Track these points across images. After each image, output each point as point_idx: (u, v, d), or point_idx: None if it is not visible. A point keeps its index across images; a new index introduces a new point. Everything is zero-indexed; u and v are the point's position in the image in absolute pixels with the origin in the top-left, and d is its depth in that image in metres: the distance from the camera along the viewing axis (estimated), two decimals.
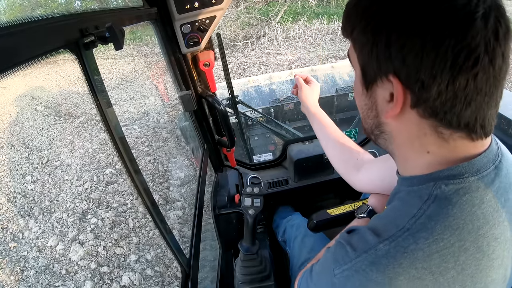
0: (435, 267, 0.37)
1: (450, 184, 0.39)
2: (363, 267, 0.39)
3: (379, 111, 0.43)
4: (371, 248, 0.40)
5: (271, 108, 2.88)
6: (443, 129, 0.38)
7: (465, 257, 0.37)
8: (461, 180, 0.38)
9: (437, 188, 0.39)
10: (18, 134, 4.79)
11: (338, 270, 0.42)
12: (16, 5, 5.42)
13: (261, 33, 7.76)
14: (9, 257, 2.68)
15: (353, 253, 0.41)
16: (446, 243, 0.37)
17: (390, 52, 0.36)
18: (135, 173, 0.67)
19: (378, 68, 0.39)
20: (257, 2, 8.42)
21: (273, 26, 7.75)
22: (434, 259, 0.36)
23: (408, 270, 0.37)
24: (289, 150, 1.50)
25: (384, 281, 0.38)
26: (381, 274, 0.38)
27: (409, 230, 0.38)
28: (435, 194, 0.39)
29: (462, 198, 0.38)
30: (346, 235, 0.46)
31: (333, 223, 0.91)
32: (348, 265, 0.41)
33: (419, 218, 0.38)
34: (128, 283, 2.32)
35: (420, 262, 0.37)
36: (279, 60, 6.66)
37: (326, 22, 7.73)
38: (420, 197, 0.40)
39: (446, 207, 0.38)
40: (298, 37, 7.57)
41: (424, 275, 0.37)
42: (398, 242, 0.38)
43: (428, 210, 0.38)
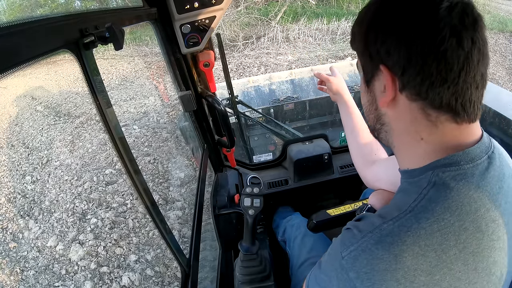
0: (437, 245, 0.39)
1: (447, 171, 0.42)
2: (369, 246, 0.41)
3: (377, 103, 0.49)
4: (376, 228, 0.42)
5: (271, 108, 2.88)
6: (429, 110, 0.42)
7: (466, 236, 0.39)
8: (457, 167, 0.42)
9: (435, 175, 0.43)
10: (18, 134, 4.79)
11: (345, 252, 0.44)
12: (16, 5, 5.42)
13: (261, 33, 7.76)
14: (9, 257, 2.68)
15: (359, 234, 0.44)
16: (446, 222, 0.39)
17: (378, 48, 0.44)
18: (135, 173, 0.67)
19: (372, 63, 0.46)
20: (257, 2, 8.42)
21: (273, 26, 7.75)
22: (436, 237, 0.39)
23: (412, 247, 0.39)
24: (289, 150, 1.50)
25: (389, 258, 0.39)
26: (387, 252, 0.40)
27: (411, 212, 0.41)
28: (434, 181, 0.42)
29: (459, 183, 0.41)
30: (353, 222, 0.49)
31: (333, 223, 0.91)
32: (354, 245, 0.43)
33: (420, 201, 0.42)
34: (128, 283, 2.32)
35: (423, 240, 0.39)
36: (279, 60, 6.66)
37: (326, 22, 7.73)
38: (420, 185, 0.44)
39: (444, 191, 0.41)
40: (298, 37, 7.57)
41: (427, 252, 0.39)
42: (402, 222, 0.41)
43: (428, 194, 0.42)
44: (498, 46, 6.32)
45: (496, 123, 1.50)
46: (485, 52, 0.41)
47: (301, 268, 1.04)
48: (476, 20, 0.39)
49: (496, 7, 8.39)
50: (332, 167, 1.48)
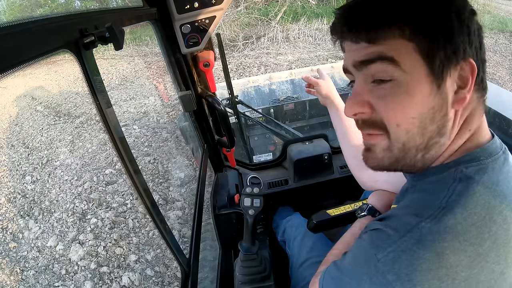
0: (474, 239, 0.39)
1: (470, 167, 0.43)
2: (409, 246, 0.40)
3: (449, 105, 0.42)
4: (414, 227, 0.41)
5: (271, 108, 2.87)
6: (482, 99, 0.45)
7: (496, 227, 0.40)
8: (478, 163, 0.43)
9: (459, 172, 0.43)
10: (18, 134, 4.79)
11: (381, 254, 0.42)
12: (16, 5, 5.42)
13: (261, 33, 7.76)
14: (9, 257, 2.67)
15: (396, 234, 0.42)
16: (478, 216, 0.39)
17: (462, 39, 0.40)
18: (135, 173, 0.67)
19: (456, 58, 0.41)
20: (257, 2, 8.42)
21: (273, 26, 7.75)
22: (471, 231, 0.39)
23: (452, 243, 0.38)
24: (289, 150, 1.50)
25: (432, 257, 0.38)
26: (429, 251, 0.39)
27: (445, 208, 0.41)
28: (459, 177, 0.43)
29: (483, 177, 0.42)
30: (380, 222, 0.47)
31: (333, 223, 0.91)
32: (392, 247, 0.41)
33: (451, 197, 0.41)
34: (128, 283, 2.32)
35: (461, 235, 0.39)
36: (279, 60, 6.66)
37: (326, 22, 7.73)
38: (445, 182, 0.43)
39: (471, 185, 0.41)
40: (298, 37, 7.57)
41: (465, 246, 0.38)
42: (438, 219, 0.40)
43: (456, 189, 0.42)
44: (498, 46, 6.31)
45: (496, 123, 1.50)
46: None
47: (301, 268, 1.04)
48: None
49: (496, 7, 8.38)
50: (332, 167, 1.48)
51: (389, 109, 0.43)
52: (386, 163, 0.47)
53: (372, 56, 0.42)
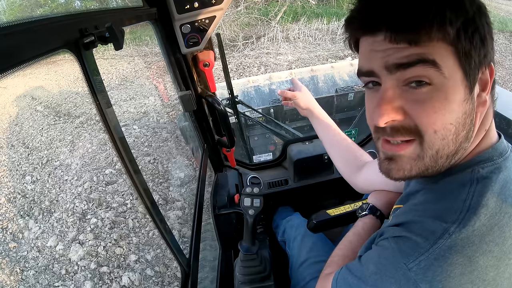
0: (498, 238, 0.39)
1: (486, 167, 0.44)
2: (441, 253, 0.40)
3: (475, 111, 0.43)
4: (444, 233, 0.40)
5: (271, 108, 2.87)
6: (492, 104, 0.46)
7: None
8: (492, 162, 0.44)
9: (476, 172, 0.43)
10: (18, 134, 4.79)
11: (413, 263, 0.41)
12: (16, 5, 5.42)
13: (261, 33, 7.76)
14: (9, 257, 2.67)
15: (426, 242, 0.41)
16: (499, 216, 0.40)
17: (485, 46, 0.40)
18: (135, 173, 0.67)
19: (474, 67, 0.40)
20: (257, 2, 8.41)
21: (273, 26, 7.75)
22: (495, 231, 0.39)
23: (481, 245, 0.39)
24: (289, 150, 1.50)
25: (464, 261, 0.39)
26: (461, 256, 0.39)
27: (469, 210, 0.40)
28: (477, 177, 0.43)
29: (499, 176, 0.42)
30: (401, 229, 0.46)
31: (333, 223, 0.91)
32: (424, 255, 0.41)
33: (472, 198, 0.41)
34: (128, 283, 2.32)
35: (487, 236, 0.39)
36: (279, 60, 6.66)
37: (326, 22, 7.72)
38: (463, 183, 0.43)
39: (490, 185, 0.42)
40: (298, 37, 7.57)
41: (492, 247, 0.39)
42: (465, 222, 0.40)
43: (476, 190, 0.42)
44: (498, 46, 6.31)
45: (496, 123, 1.50)
46: None
47: (301, 268, 1.04)
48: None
49: (496, 7, 8.39)
50: (332, 167, 1.48)
51: (428, 115, 0.40)
52: (413, 173, 0.45)
53: (413, 59, 0.39)
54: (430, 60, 0.38)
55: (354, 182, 0.86)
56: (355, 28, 0.44)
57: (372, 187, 0.80)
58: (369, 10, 0.41)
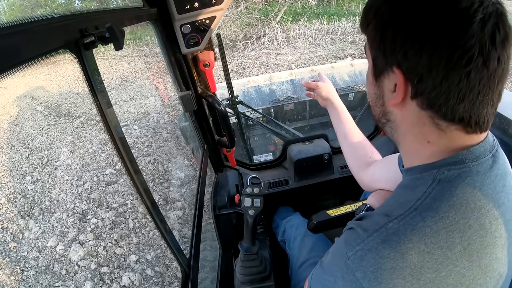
0: (443, 242, 0.39)
1: (452, 170, 0.42)
2: (375, 245, 0.41)
3: (385, 100, 0.47)
4: (382, 227, 0.42)
5: (271, 108, 2.87)
6: (439, 121, 0.41)
7: (470, 233, 0.40)
8: (462, 165, 0.42)
9: (440, 173, 0.43)
10: (18, 135, 4.79)
11: (351, 252, 0.43)
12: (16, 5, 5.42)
13: (261, 33, 7.76)
14: (9, 257, 2.68)
15: (364, 234, 0.43)
16: (451, 220, 0.40)
17: (395, 47, 0.41)
18: (135, 174, 0.67)
19: (385, 60, 0.43)
20: (257, 2, 8.42)
21: (273, 26, 7.75)
22: (441, 235, 0.39)
23: (418, 245, 0.39)
24: (289, 150, 1.50)
25: (396, 256, 0.40)
26: (393, 250, 0.40)
27: (416, 210, 0.41)
28: (439, 179, 0.42)
29: (464, 181, 0.41)
30: (355, 221, 0.49)
31: (333, 224, 0.91)
32: (360, 245, 0.43)
33: (425, 200, 0.41)
34: (128, 284, 2.32)
35: (429, 237, 0.39)
36: (279, 60, 6.66)
37: (326, 22, 7.73)
38: (425, 182, 0.43)
39: (449, 189, 0.41)
40: (298, 37, 7.57)
41: (433, 249, 0.39)
42: (407, 220, 0.41)
43: (433, 192, 0.42)
44: None
45: (496, 123, 1.50)
46: (506, 69, 0.39)
47: (301, 268, 1.04)
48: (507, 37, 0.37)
49: None
50: (332, 167, 1.48)
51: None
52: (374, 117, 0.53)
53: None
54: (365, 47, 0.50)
55: (360, 177, 0.87)
56: None
57: (376, 185, 0.81)
58: None
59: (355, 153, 0.89)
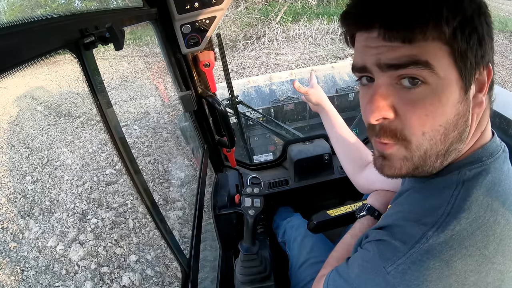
0: (480, 242, 0.39)
1: (473, 169, 0.43)
2: (418, 257, 0.40)
3: (468, 112, 0.41)
4: (422, 237, 0.41)
5: (271, 109, 2.87)
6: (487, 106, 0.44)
7: (500, 229, 0.40)
8: (480, 164, 0.43)
9: (462, 175, 0.43)
10: (18, 134, 4.79)
11: (391, 267, 0.42)
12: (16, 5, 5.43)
13: (261, 34, 7.76)
14: (9, 257, 2.68)
15: (404, 247, 0.42)
16: (482, 219, 0.39)
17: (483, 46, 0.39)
18: (135, 174, 0.67)
19: (470, 67, 0.38)
20: (257, 2, 8.42)
21: (273, 26, 7.75)
22: (477, 236, 0.39)
23: (460, 250, 0.38)
24: (289, 150, 1.50)
25: (441, 266, 0.38)
26: (438, 260, 0.39)
27: (449, 214, 0.40)
28: (463, 180, 0.42)
29: (486, 178, 0.42)
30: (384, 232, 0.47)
31: (333, 224, 0.91)
32: (402, 259, 0.41)
33: (455, 202, 0.41)
34: (128, 284, 2.32)
35: (467, 240, 0.39)
36: (279, 60, 6.66)
37: (326, 23, 7.73)
38: (448, 185, 0.43)
39: (474, 188, 0.41)
40: (298, 38, 7.57)
41: (472, 252, 0.38)
42: (444, 226, 0.40)
43: (460, 194, 0.41)
44: (498, 46, 6.31)
45: (496, 123, 1.50)
46: None
47: (301, 269, 1.04)
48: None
49: (496, 7, 8.38)
50: (333, 167, 1.48)
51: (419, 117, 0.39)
52: (404, 171, 0.44)
53: (404, 61, 0.37)
54: (423, 61, 0.37)
55: (356, 180, 0.87)
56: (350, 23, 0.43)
57: (373, 186, 0.81)
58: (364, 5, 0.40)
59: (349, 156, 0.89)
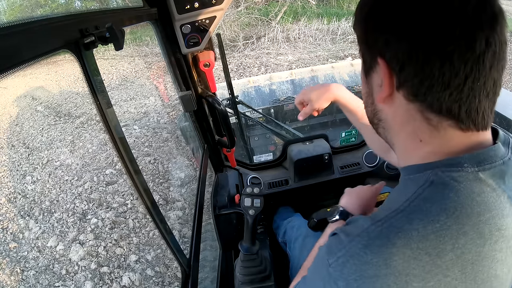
0: (432, 248, 0.35)
1: (448, 172, 0.38)
2: (357, 250, 0.38)
3: (374, 97, 0.45)
4: (364, 230, 0.39)
5: (271, 108, 2.87)
6: (429, 114, 0.39)
7: (465, 240, 0.35)
8: (459, 169, 0.38)
9: (433, 174, 0.39)
10: (18, 135, 4.80)
11: (332, 259, 0.40)
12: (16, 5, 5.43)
13: (261, 33, 7.76)
14: (9, 257, 2.68)
15: (346, 239, 0.40)
16: (442, 224, 0.35)
17: (377, 36, 0.39)
18: (135, 174, 0.67)
19: (370, 53, 0.42)
20: (257, 2, 8.42)
21: (273, 26, 7.75)
22: (430, 240, 0.35)
23: (403, 250, 0.35)
24: (289, 150, 1.50)
25: (379, 262, 0.36)
26: (376, 255, 0.36)
27: (403, 211, 0.38)
28: (432, 180, 0.39)
29: (460, 184, 0.37)
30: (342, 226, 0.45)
31: None
32: (342, 251, 0.40)
33: (414, 201, 0.38)
34: (128, 283, 2.32)
35: (415, 242, 0.35)
36: (279, 60, 6.66)
37: (326, 22, 7.73)
38: (416, 183, 0.40)
39: (442, 191, 0.37)
40: (298, 37, 7.57)
41: (420, 255, 0.35)
42: (391, 222, 0.38)
43: (424, 193, 0.38)
44: None
45: (496, 123, 1.50)
46: (501, 55, 0.35)
47: None
48: (495, 16, 0.34)
49: None
50: (333, 167, 1.48)
51: None
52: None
53: None
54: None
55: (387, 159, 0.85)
56: None
57: None
58: None
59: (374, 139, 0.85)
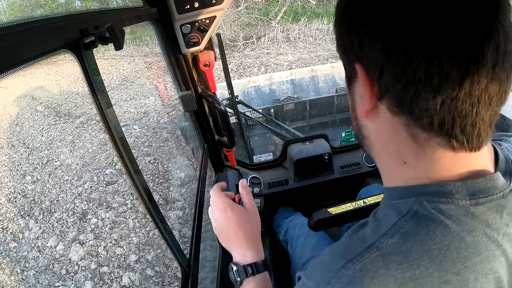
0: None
1: (434, 202, 0.32)
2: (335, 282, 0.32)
3: (356, 111, 0.38)
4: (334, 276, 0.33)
5: (271, 108, 2.88)
6: (416, 130, 0.32)
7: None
8: (449, 199, 0.32)
9: (417, 203, 0.33)
10: (18, 134, 4.80)
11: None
12: (16, 5, 5.43)
13: (261, 33, 7.77)
14: (9, 257, 2.68)
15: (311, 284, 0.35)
16: (423, 270, 0.30)
17: (352, 39, 0.32)
18: (135, 173, 0.67)
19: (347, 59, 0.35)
20: (257, 2, 8.42)
21: (273, 26, 7.75)
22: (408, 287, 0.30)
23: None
24: (289, 150, 1.50)
25: None
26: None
27: (379, 249, 0.32)
28: (415, 210, 0.33)
29: (447, 220, 0.31)
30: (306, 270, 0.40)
31: (334, 222, 0.91)
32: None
33: (393, 237, 0.32)
34: (128, 283, 2.32)
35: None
36: (279, 60, 6.66)
37: (326, 22, 7.73)
38: (397, 211, 0.34)
39: (426, 227, 0.31)
40: (298, 37, 7.57)
41: None
42: (365, 264, 0.31)
43: (404, 227, 0.32)
44: None
45: (496, 123, 1.50)
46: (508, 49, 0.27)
47: (304, 267, 1.04)
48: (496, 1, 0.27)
49: None
50: (332, 167, 1.48)
51: None
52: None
53: None
54: None
55: None
56: None
57: None
58: None
59: None
